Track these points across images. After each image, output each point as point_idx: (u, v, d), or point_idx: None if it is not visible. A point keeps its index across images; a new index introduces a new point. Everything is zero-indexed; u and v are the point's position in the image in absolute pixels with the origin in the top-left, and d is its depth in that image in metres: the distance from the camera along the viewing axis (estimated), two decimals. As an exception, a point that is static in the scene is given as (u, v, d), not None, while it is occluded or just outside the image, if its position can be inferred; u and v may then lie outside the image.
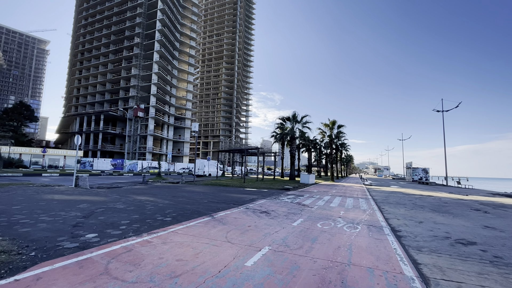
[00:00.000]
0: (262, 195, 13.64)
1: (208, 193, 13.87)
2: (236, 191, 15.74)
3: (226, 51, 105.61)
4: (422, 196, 17.16)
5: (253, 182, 24.23)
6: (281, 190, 17.66)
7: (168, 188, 16.14)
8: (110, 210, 7.72)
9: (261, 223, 6.64)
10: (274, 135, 36.02)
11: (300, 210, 9.12)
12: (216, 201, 10.53)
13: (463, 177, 48.64)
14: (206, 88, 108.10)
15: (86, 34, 73.62)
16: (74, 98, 74.38)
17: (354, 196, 15.48)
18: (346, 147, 50.29)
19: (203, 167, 31.08)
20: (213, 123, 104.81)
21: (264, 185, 20.63)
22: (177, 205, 9.10)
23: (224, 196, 12.50)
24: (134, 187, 16.16)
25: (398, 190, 22.51)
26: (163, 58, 65.58)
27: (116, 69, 66.63)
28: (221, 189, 16.37)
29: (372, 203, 12.10)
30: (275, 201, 11.22)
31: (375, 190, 21.77)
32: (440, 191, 23.20)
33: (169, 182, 20.75)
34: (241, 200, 11.18)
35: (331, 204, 11.03)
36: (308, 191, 17.93)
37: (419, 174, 47.33)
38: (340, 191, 18.59)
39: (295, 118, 29.92)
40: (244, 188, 18.15)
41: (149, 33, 64.26)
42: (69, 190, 12.54)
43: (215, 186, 18.58)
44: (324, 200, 12.62)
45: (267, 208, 9.29)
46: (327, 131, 34.40)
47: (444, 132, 33.82)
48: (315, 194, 15.67)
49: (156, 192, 13.45)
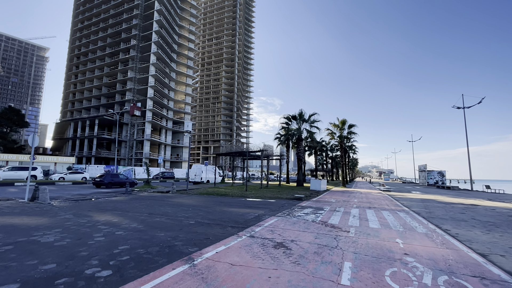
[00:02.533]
0: (271, 209, 10.48)
1: (200, 207, 10.74)
2: (237, 202, 12.59)
3: (226, 54, 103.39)
4: (467, 205, 13.92)
5: (256, 189, 21.03)
6: (291, 200, 14.49)
7: (152, 199, 13.02)
8: (18, 249, 4.62)
9: (282, 279, 3.52)
10: (278, 137, 32.90)
11: (333, 238, 5.97)
12: (207, 222, 7.40)
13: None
14: (206, 92, 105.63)
15: (82, 38, 71.59)
16: (70, 103, 71.97)
17: (386, 207, 12.26)
18: (354, 149, 47.04)
19: (200, 173, 27.88)
20: (213, 128, 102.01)
21: (270, 194, 17.44)
22: (144, 233, 5.98)
23: (220, 212, 9.36)
24: (110, 199, 13.07)
25: (428, 197, 19.23)
26: (160, 60, 63.11)
27: (112, 72, 64.21)
28: (218, 201, 13.21)
29: (421, 220, 8.90)
30: (290, 221, 8.06)
31: (401, 197, 18.51)
32: (475, 197, 19.89)
33: (158, 191, 17.61)
34: (243, 219, 8.04)
35: (371, 224, 7.85)
36: (325, 200, 14.74)
37: (435, 177, 43.94)
38: (363, 200, 15.38)
39: (302, 117, 26.72)
40: (246, 197, 15.00)
41: (146, 35, 61.98)
42: (12, 207, 9.46)
43: (212, 196, 15.42)
44: (355, 216, 9.42)
45: (282, 235, 6.14)
46: (336, 132, 31.26)
47: (466, 131, 30.61)
48: (335, 205, 12.51)
49: (131, 207, 10.33)
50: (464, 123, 30.54)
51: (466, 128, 30.48)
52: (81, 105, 68.45)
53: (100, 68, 67.02)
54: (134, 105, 50.73)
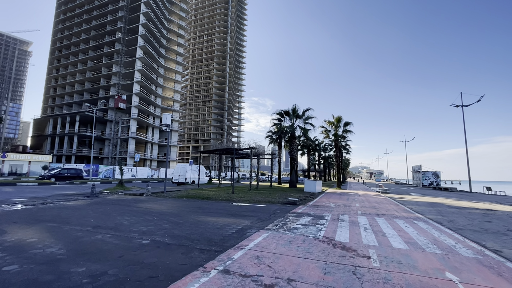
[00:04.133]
0: (259, 218, 8.38)
1: (169, 215, 8.54)
2: (219, 209, 10.45)
3: (217, 52, 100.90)
4: (483, 211, 12.19)
5: (244, 191, 18.85)
6: (285, 204, 12.43)
7: (116, 205, 10.73)
8: None
9: None
10: (270, 135, 30.81)
11: (351, 273, 3.90)
12: (168, 242, 5.25)
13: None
14: (196, 90, 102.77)
15: (64, 30, 67.88)
16: (51, 98, 68.13)
17: (396, 214, 10.35)
18: (348, 149, 45.52)
19: (184, 172, 25.45)
20: (203, 127, 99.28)
21: (259, 197, 15.33)
22: (54, 266, 3.78)
23: (192, 224, 7.20)
24: (65, 203, 10.69)
25: (432, 200, 17.53)
26: (147, 55, 60.19)
27: (96, 66, 60.89)
28: (197, 206, 11.00)
29: (451, 233, 6.97)
30: (284, 238, 5.99)
31: (404, 200, 16.74)
32: (482, 200, 18.35)
33: (130, 193, 15.23)
34: (220, 236, 5.91)
35: (393, 241, 5.85)
36: (323, 205, 12.76)
37: (429, 178, 42.90)
38: (366, 205, 13.47)
39: (296, 112, 24.66)
40: (232, 202, 12.86)
41: (132, 28, 58.97)
42: None
43: (191, 200, 13.20)
44: (366, 228, 7.42)
45: (273, 267, 4.05)
46: (331, 130, 29.46)
47: (465, 130, 29.35)
48: (336, 211, 10.54)
49: (80, 215, 8.05)
50: (463, 122, 29.31)
51: (464, 127, 29.24)
52: (63, 100, 64.79)
53: (83, 62, 63.54)
54: (119, 97, 47.63)
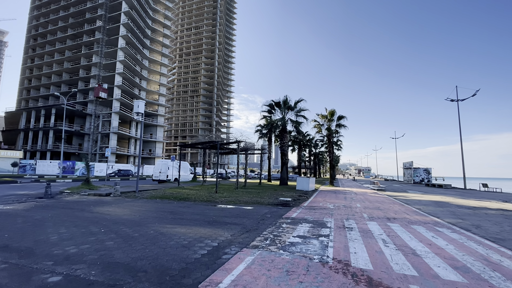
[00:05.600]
0: (244, 227, 6.51)
1: (127, 224, 6.55)
2: (195, 213, 8.51)
3: (206, 45, 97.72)
4: (499, 210, 10.81)
5: (230, 191, 16.85)
6: (276, 206, 10.59)
7: (68, 208, 8.60)
8: None
9: None
10: (259, 129, 28.90)
11: None
12: (94, 278, 3.30)
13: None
14: (184, 85, 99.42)
15: (40, 17, 63.37)
16: (25, 90, 63.67)
17: (411, 219, 8.66)
18: (340, 145, 44.32)
19: (166, 169, 23.23)
20: (191, 122, 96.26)
21: (247, 197, 13.44)
22: None
23: (149, 240, 5.25)
24: (3, 207, 8.50)
25: (436, 198, 16.18)
26: (130, 45, 56.87)
27: (74, 56, 57.08)
28: (168, 211, 8.95)
29: (497, 247, 5.34)
30: (278, 262, 4.13)
31: (406, 199, 15.30)
32: (485, 198, 17.15)
33: (95, 193, 13.01)
34: (182, 264, 3.98)
35: (436, 267, 4.09)
36: (320, 206, 11.03)
37: (421, 175, 42.32)
38: (368, 205, 11.84)
39: (287, 104, 22.82)
40: (214, 203, 10.93)
41: (113, 16, 55.41)
42: None
43: (165, 202, 11.16)
44: (386, 241, 5.67)
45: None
46: (324, 124, 27.88)
47: (460, 125, 28.47)
48: (338, 214, 8.83)
49: (5, 224, 5.95)
50: (458, 117, 28.39)
51: (460, 122, 28.35)
52: (38, 93, 60.62)
53: (60, 51, 59.50)
54: (100, 86, 44.27)
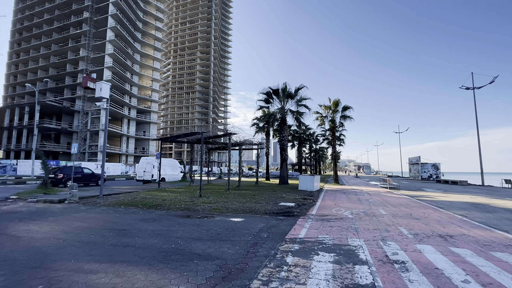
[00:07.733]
0: (221, 265, 3.83)
1: (20, 265, 3.95)
2: (155, 234, 5.87)
3: (201, 40, 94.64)
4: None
5: (220, 193, 13.86)
6: (275, 216, 7.94)
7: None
8: None
9: None
10: (256, 122, 26.21)
11: None
12: None
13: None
14: (179, 81, 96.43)
15: (25, 10, 60.21)
16: (10, 87, 60.62)
17: (475, 236, 6.10)
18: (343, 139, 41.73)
19: (150, 168, 20.59)
20: (187, 120, 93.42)
21: (238, 201, 10.64)
22: None
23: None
24: None
25: (467, 199, 13.72)
26: (120, 38, 53.91)
27: (61, 51, 54.10)
28: (119, 229, 6.16)
29: None
30: None
31: (434, 201, 12.79)
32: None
33: (45, 200, 10.28)
34: None
35: None
36: (335, 216, 8.44)
37: (429, 170, 39.91)
38: (400, 214, 9.33)
39: (287, 92, 20.14)
40: (192, 212, 8.29)
41: (101, 7, 52.42)
42: None
43: (129, 211, 8.51)
44: None
45: None
46: (328, 116, 25.26)
47: (476, 115, 26.00)
48: (366, 231, 6.30)
49: None
50: (474, 106, 25.86)
51: (476, 112, 25.88)
52: (24, 89, 57.53)
53: (46, 45, 56.48)
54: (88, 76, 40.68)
